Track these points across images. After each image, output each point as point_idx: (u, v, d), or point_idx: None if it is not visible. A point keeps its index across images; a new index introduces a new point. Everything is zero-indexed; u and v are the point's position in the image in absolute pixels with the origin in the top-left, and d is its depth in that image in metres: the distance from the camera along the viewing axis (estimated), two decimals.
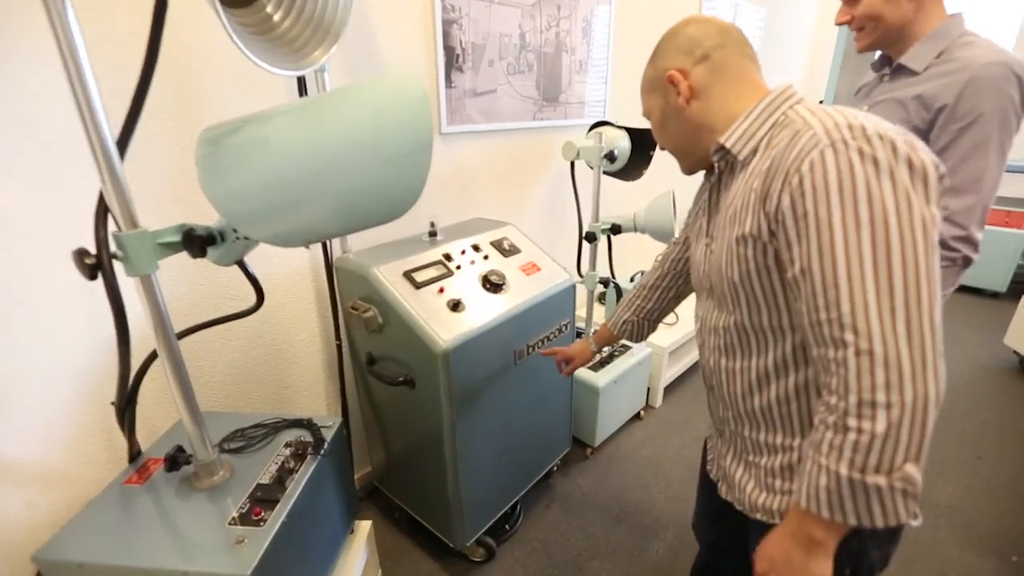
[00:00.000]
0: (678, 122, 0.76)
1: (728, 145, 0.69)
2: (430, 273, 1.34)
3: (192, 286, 1.31)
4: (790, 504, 0.68)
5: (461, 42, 1.67)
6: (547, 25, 1.94)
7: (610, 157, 1.84)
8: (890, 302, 0.53)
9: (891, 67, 1.10)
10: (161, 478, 1.01)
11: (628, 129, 2.04)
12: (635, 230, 2.01)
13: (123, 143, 0.77)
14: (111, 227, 0.79)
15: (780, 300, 0.66)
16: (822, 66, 4.18)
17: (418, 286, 1.29)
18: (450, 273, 1.37)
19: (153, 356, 0.98)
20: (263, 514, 0.91)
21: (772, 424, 0.75)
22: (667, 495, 1.84)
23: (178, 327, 1.11)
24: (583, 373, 1.96)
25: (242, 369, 1.46)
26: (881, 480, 0.55)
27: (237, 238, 0.85)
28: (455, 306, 1.28)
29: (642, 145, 2.06)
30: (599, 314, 2.53)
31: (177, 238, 0.83)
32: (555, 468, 1.91)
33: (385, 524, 1.71)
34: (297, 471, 1.02)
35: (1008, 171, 1.23)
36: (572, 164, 2.01)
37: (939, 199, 0.56)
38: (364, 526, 1.31)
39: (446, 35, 1.62)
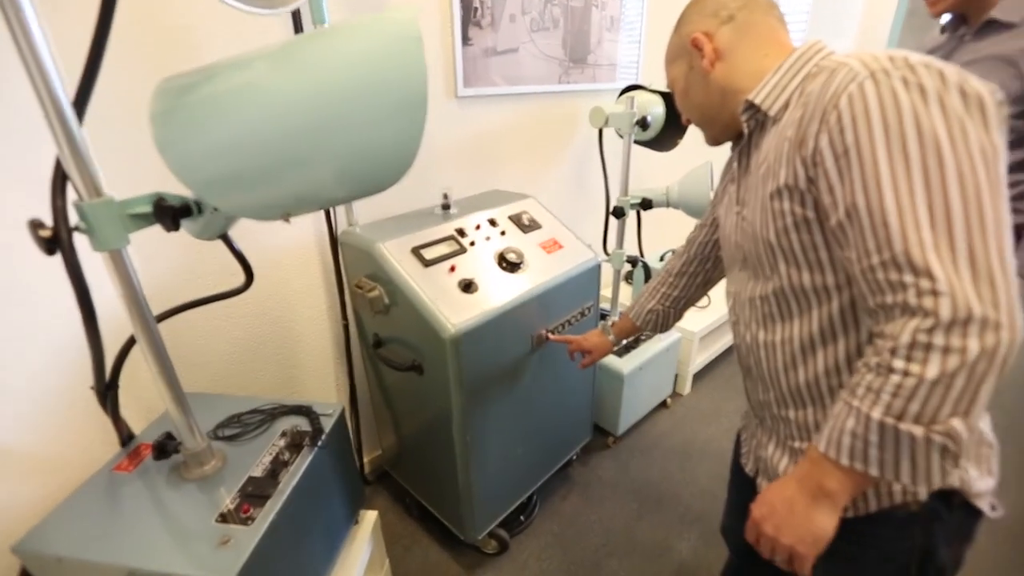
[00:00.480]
0: (703, 87, 0.72)
1: (758, 101, 0.65)
2: (441, 250, 1.23)
3: (189, 259, 1.23)
4: (807, 448, 0.61)
5: None
6: None
7: (642, 124, 1.67)
8: (949, 239, 0.47)
9: (968, 26, 0.98)
10: (152, 465, 0.95)
11: (663, 93, 1.86)
12: (667, 205, 1.85)
13: (81, 99, 0.67)
14: (72, 196, 0.70)
15: (823, 255, 0.60)
16: (880, 28, 3.80)
17: (427, 264, 1.18)
18: (463, 250, 1.26)
19: (133, 339, 0.91)
20: (252, 512, 0.84)
21: (820, 400, 0.68)
22: (693, 491, 1.73)
23: (172, 303, 1.04)
24: (607, 358, 1.84)
25: (247, 348, 1.39)
26: (917, 430, 0.49)
27: (216, 209, 0.75)
28: (467, 287, 1.17)
29: (677, 112, 1.87)
30: (625, 295, 2.38)
31: (150, 208, 0.73)
32: (574, 457, 1.81)
33: (396, 509, 1.66)
34: (292, 463, 0.94)
35: None
36: (600, 132, 1.84)
37: (1001, 127, 0.49)
38: (370, 516, 1.24)
39: None
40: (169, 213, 0.72)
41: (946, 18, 1.04)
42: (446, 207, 1.41)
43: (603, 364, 1.83)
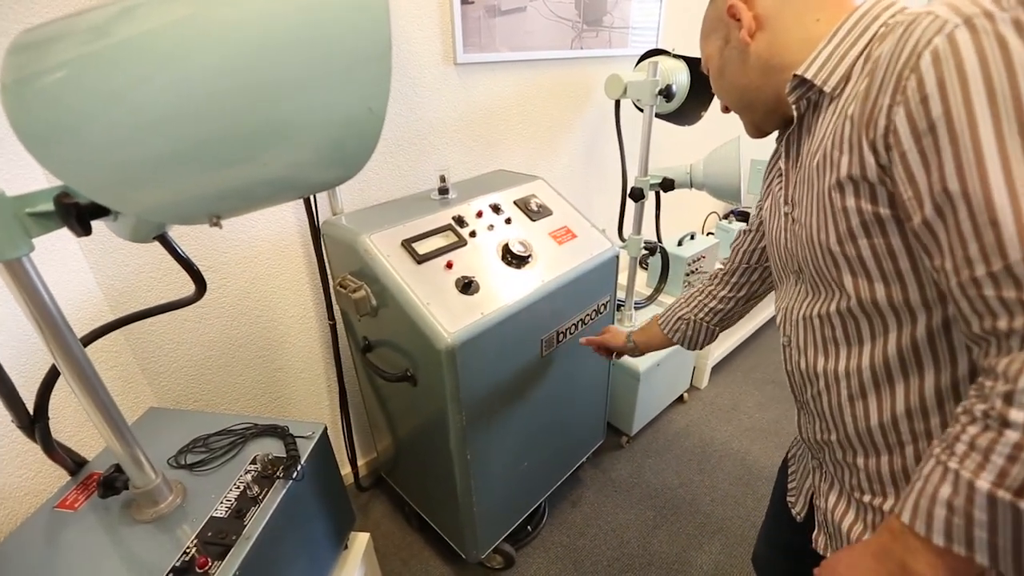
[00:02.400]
0: (741, 64, 0.60)
1: (810, 75, 0.52)
2: (436, 242, 1.06)
3: (157, 253, 1.08)
4: (887, 517, 0.49)
5: None
6: None
7: (666, 94, 1.47)
8: None
9: None
10: (100, 501, 0.82)
11: (686, 59, 1.65)
12: (691, 186, 1.66)
13: None
14: None
15: (903, 264, 0.48)
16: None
17: (420, 260, 1.02)
18: (462, 242, 1.09)
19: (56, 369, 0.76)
20: (210, 567, 0.70)
21: (900, 449, 0.54)
22: (713, 496, 1.60)
23: (135, 308, 0.89)
24: None
25: (223, 351, 1.25)
26: None
27: None
28: (466, 286, 1.01)
29: (703, 79, 1.66)
30: (641, 282, 2.22)
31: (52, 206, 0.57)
32: (586, 459, 1.68)
33: (395, 518, 1.55)
34: (262, 499, 0.81)
35: None
36: (617, 104, 1.64)
37: None
38: (361, 540, 1.12)
39: None
40: (74, 212, 0.55)
41: None
42: (443, 191, 1.23)
43: (618, 361, 1.68)
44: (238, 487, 0.83)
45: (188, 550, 0.73)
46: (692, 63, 1.64)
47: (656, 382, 1.74)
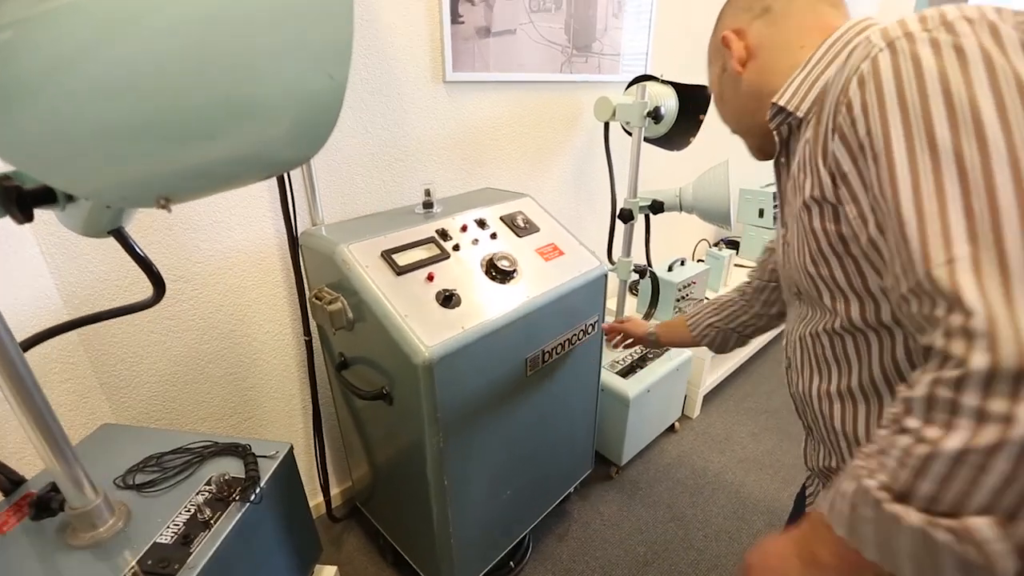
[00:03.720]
0: (735, 91, 0.63)
1: (783, 103, 0.54)
2: (417, 255, 1.03)
3: (118, 263, 1.03)
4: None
5: None
6: None
7: (655, 116, 1.48)
8: (998, 254, 0.33)
9: None
10: (33, 524, 0.74)
11: (675, 85, 1.67)
12: (680, 209, 1.65)
13: None
14: None
15: (872, 282, 0.48)
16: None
17: (400, 271, 0.98)
18: (444, 255, 1.06)
19: None
20: None
21: None
22: (707, 531, 1.52)
23: (109, 323, 0.83)
24: (610, 379, 1.64)
25: (191, 367, 1.19)
26: (914, 518, 0.35)
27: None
28: (447, 300, 0.97)
29: (691, 106, 1.69)
30: (631, 307, 2.18)
31: None
32: (573, 489, 1.60)
33: (369, 551, 1.45)
34: (214, 524, 0.74)
35: None
36: (606, 126, 1.65)
37: None
38: (327, 574, 1.03)
39: None
40: (14, 196, 0.51)
41: None
42: (428, 205, 1.21)
43: (606, 386, 1.62)
44: (188, 510, 0.76)
45: None
46: (680, 89, 1.66)
47: (646, 409, 1.69)
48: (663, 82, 1.67)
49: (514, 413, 1.13)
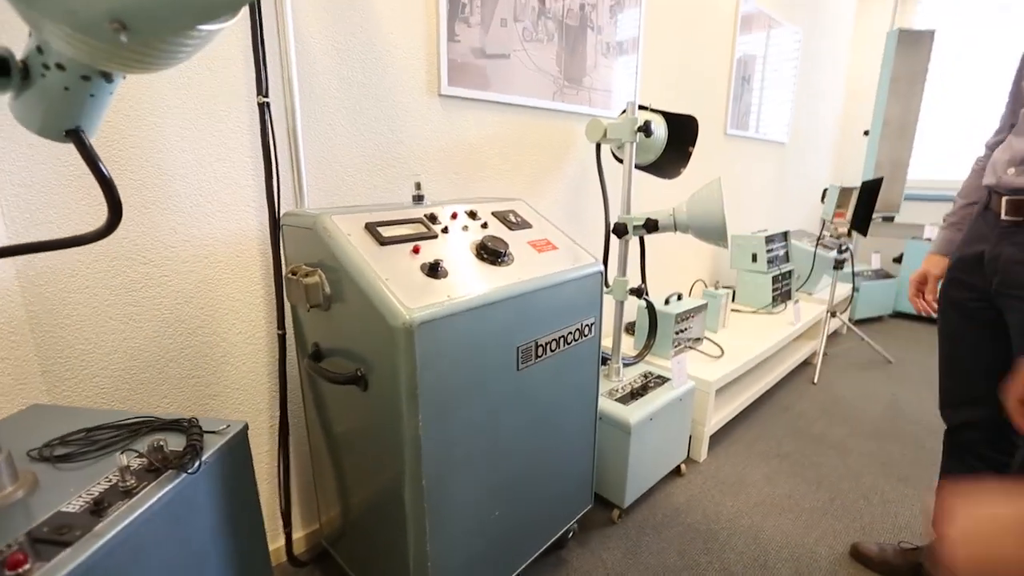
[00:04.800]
0: None
1: None
2: (403, 230, 0.97)
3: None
4: None
5: None
6: None
7: (645, 130, 1.51)
8: None
9: None
10: None
11: (664, 113, 1.73)
12: (675, 229, 1.63)
13: None
14: None
15: None
16: (867, 91, 3.93)
17: (384, 242, 0.92)
18: (432, 235, 1.00)
19: None
20: (27, 566, 0.49)
21: None
22: None
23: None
24: (610, 406, 1.51)
25: (149, 363, 1.08)
26: None
27: (46, 66, 0.51)
28: (433, 269, 0.90)
29: (680, 137, 1.74)
30: (627, 346, 2.09)
31: None
32: (571, 533, 1.41)
33: None
34: (137, 493, 0.61)
35: None
36: (598, 148, 1.68)
37: None
38: None
39: None
40: None
41: None
42: (418, 199, 1.17)
43: (605, 413, 1.50)
44: (110, 480, 0.63)
45: (11, 545, 0.52)
46: (669, 117, 1.72)
47: (649, 441, 1.54)
48: (652, 110, 1.74)
49: (504, 415, 1.01)
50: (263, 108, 1.06)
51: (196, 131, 1.05)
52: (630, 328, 2.27)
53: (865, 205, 2.52)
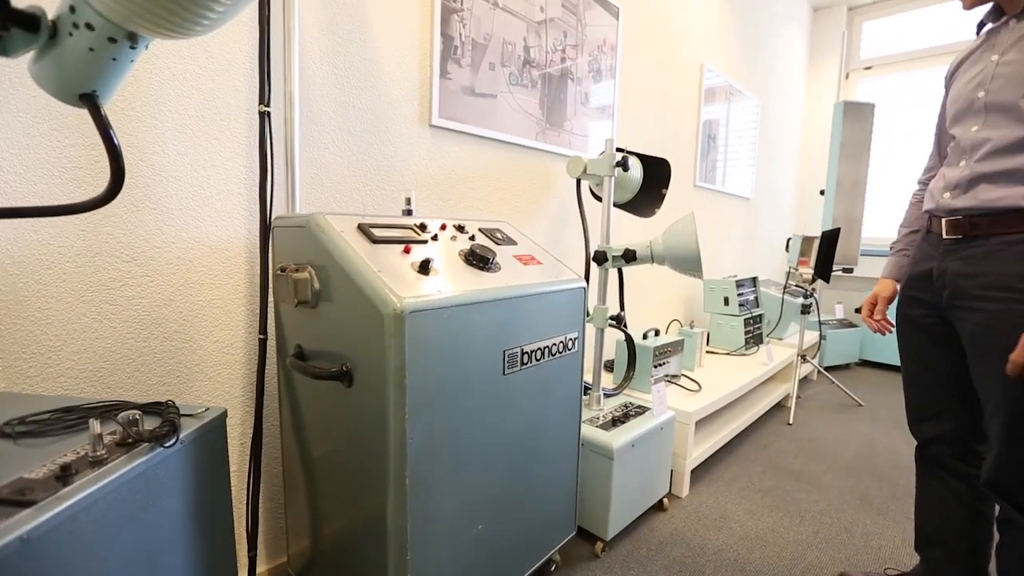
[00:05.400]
0: None
1: None
2: (395, 233, 1.00)
3: (68, 234, 0.95)
4: None
5: (461, 35, 1.54)
6: (553, 47, 1.86)
7: (623, 164, 1.61)
8: None
9: (1007, 13, 0.99)
10: None
11: (640, 155, 1.86)
12: (652, 260, 1.70)
13: None
14: None
15: None
16: (819, 154, 4.28)
17: (376, 241, 0.94)
18: (423, 240, 1.03)
19: None
20: None
21: None
22: None
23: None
24: (592, 433, 1.50)
25: (117, 368, 1.03)
26: None
27: (76, 25, 0.54)
28: (423, 266, 0.92)
29: (654, 179, 1.86)
30: (607, 382, 2.10)
31: None
32: (554, 566, 1.35)
33: None
34: (109, 462, 0.57)
35: None
36: (578, 184, 1.77)
37: None
38: None
39: (444, 22, 1.49)
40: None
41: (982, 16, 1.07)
42: (408, 213, 1.21)
43: (588, 440, 1.48)
44: (78, 453, 0.59)
45: None
46: (644, 160, 1.84)
47: (631, 469, 1.52)
48: (628, 152, 1.86)
49: (489, 419, 1.00)
50: (264, 116, 1.11)
51: (193, 135, 1.08)
52: (609, 365, 2.29)
53: (826, 253, 2.68)
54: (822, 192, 3.74)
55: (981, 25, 1.07)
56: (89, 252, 0.98)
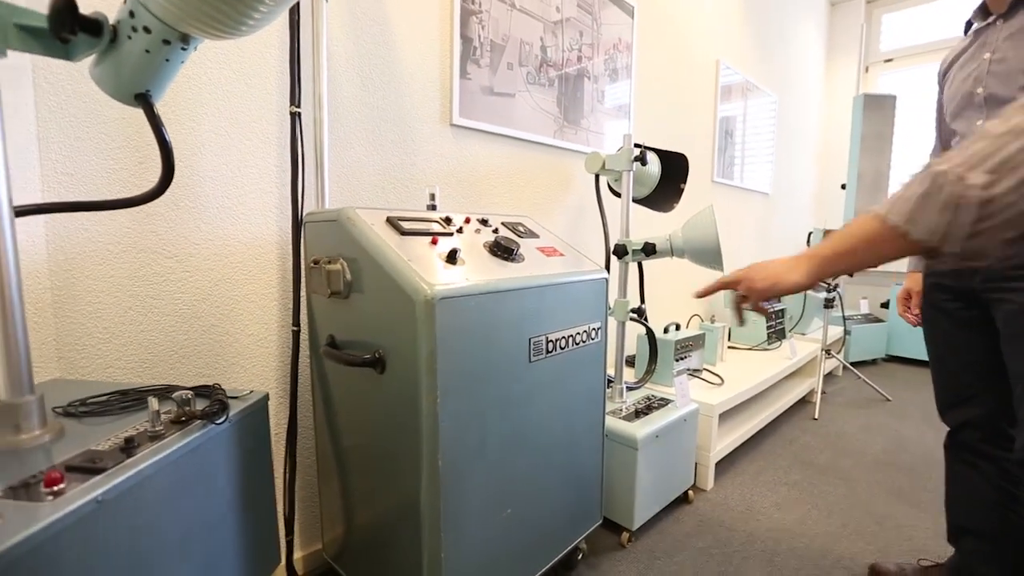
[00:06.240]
0: None
1: None
2: (422, 226, 1.03)
3: (115, 231, 1.00)
4: None
5: (479, 36, 1.57)
6: (569, 47, 1.88)
7: (641, 159, 1.62)
8: None
9: (991, 14, 1.03)
10: None
11: (657, 150, 1.87)
12: (671, 254, 1.71)
13: None
14: None
15: None
16: (839, 149, 4.22)
17: (404, 233, 0.97)
18: (448, 233, 1.06)
19: None
20: (63, 486, 0.49)
21: None
22: None
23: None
24: (616, 424, 1.51)
25: (161, 359, 1.08)
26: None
27: (135, 29, 0.58)
28: (451, 256, 0.94)
29: (672, 174, 1.86)
30: (628, 375, 2.11)
31: (44, 23, 0.56)
32: (580, 555, 1.36)
33: None
34: (165, 436, 0.61)
35: None
36: (597, 179, 1.79)
37: None
38: None
39: (464, 24, 1.53)
40: (69, 14, 0.54)
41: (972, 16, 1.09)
42: (432, 208, 1.24)
43: (612, 431, 1.49)
44: (137, 429, 0.63)
45: (42, 472, 0.52)
46: (662, 155, 1.85)
47: (656, 460, 1.52)
48: (647, 147, 1.87)
49: (516, 405, 1.02)
50: (295, 117, 1.15)
51: (228, 137, 1.13)
52: (630, 360, 2.29)
53: None
54: (843, 186, 3.69)
55: (968, 25, 1.10)
56: (135, 248, 1.03)
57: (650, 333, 1.91)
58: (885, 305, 3.85)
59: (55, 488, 0.49)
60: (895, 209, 0.55)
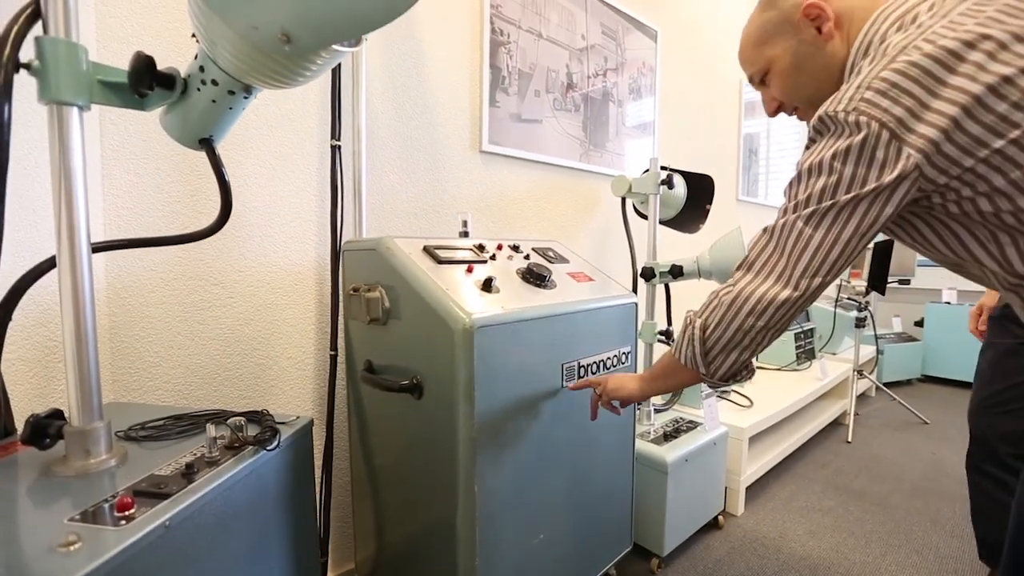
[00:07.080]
0: (817, 61, 0.71)
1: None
2: (457, 255, 1.06)
3: (167, 260, 1.06)
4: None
5: (508, 66, 1.62)
6: (594, 72, 1.92)
7: (668, 183, 1.63)
8: None
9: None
10: (25, 458, 0.65)
11: (683, 172, 1.88)
12: (699, 275, 1.71)
13: None
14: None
15: None
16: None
17: (440, 261, 1.00)
18: (482, 260, 1.09)
19: (31, 278, 0.69)
20: (134, 511, 0.53)
21: None
22: None
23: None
24: (645, 447, 1.50)
25: (206, 382, 1.13)
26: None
27: (204, 82, 0.63)
28: (487, 284, 0.97)
29: (698, 195, 1.87)
30: (655, 398, 2.09)
31: (125, 79, 0.61)
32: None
33: None
34: (221, 463, 0.64)
35: None
36: (623, 202, 1.81)
37: None
38: None
39: (493, 54, 1.58)
40: (147, 75, 0.59)
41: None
42: (464, 235, 1.28)
43: (641, 454, 1.48)
44: (195, 454, 0.67)
45: (113, 496, 0.55)
46: (688, 177, 1.86)
47: (686, 483, 1.50)
48: (672, 170, 1.88)
49: (550, 430, 1.03)
50: (335, 150, 1.20)
51: (272, 170, 1.18)
52: None
53: (879, 265, 2.59)
54: None
55: None
56: (184, 276, 1.08)
57: None
58: (920, 323, 3.74)
59: (126, 513, 0.52)
60: (676, 344, 0.74)
